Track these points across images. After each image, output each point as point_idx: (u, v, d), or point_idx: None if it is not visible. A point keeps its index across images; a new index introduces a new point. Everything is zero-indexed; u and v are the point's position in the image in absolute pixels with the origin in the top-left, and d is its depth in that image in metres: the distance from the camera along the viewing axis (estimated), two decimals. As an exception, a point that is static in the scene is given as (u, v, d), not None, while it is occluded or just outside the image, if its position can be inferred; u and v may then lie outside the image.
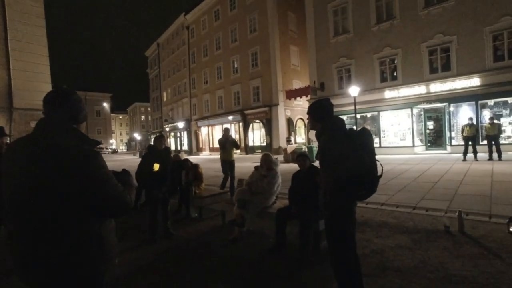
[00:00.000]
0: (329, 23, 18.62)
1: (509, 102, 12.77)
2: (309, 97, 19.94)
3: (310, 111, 2.32)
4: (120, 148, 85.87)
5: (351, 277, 2.13)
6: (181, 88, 37.07)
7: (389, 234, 3.99)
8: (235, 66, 27.38)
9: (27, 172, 1.14)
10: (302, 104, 24.24)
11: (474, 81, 13.03)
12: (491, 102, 13.10)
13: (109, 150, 57.12)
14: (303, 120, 25.82)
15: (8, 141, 3.61)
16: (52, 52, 18.80)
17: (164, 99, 42.89)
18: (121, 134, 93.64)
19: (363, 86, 15.95)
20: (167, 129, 40.89)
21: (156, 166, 4.08)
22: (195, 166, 6.03)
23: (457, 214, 4.07)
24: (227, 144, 7.40)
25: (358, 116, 14.77)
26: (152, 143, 4.69)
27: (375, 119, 16.84)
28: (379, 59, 16.35)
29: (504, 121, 12.57)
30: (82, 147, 1.23)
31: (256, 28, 24.76)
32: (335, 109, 2.32)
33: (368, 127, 16.87)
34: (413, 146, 14.99)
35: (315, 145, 15.89)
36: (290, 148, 17.10)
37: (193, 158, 25.20)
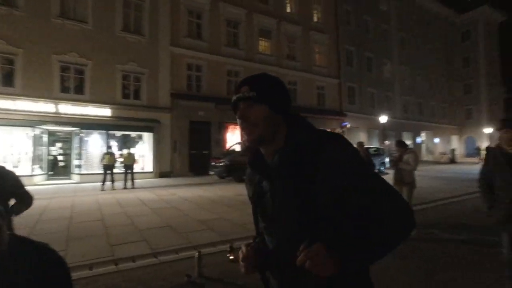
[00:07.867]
0: None
1: (131, 135, 14.47)
2: None
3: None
4: None
5: None
6: None
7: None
8: None
9: None
10: None
11: (106, 111, 13.26)
12: (119, 133, 13.99)
13: None
14: None
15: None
16: None
17: None
18: None
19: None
20: None
21: None
22: None
23: (196, 256, 3.42)
24: None
25: None
26: None
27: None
28: (-14, 52, 11.52)
29: (123, 152, 13.46)
30: None
31: None
32: None
33: None
34: (32, 175, 11.78)
35: None
36: None
37: None
